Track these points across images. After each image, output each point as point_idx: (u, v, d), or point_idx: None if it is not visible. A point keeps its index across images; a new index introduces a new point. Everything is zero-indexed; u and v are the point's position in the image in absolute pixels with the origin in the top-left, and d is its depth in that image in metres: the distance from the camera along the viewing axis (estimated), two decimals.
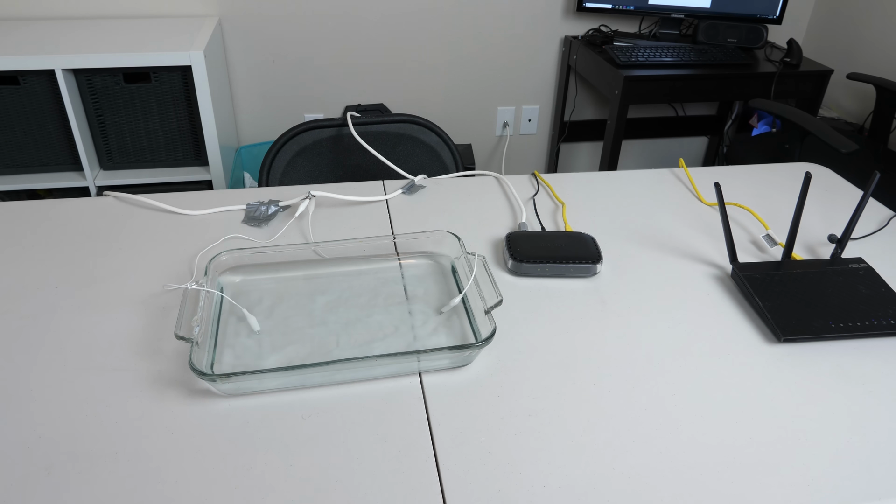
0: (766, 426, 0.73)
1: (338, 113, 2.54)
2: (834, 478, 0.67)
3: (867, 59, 2.43)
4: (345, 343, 0.83)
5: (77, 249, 1.00)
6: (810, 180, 0.95)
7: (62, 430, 0.70)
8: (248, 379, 0.74)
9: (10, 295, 0.89)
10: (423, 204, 1.15)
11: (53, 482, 0.64)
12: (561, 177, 1.26)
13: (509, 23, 2.49)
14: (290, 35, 2.35)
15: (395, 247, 0.98)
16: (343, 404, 0.74)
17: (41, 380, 0.76)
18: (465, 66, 2.54)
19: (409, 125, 1.48)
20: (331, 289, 0.92)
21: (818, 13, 2.67)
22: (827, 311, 0.88)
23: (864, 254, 1.03)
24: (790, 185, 1.26)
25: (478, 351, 0.78)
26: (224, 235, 1.04)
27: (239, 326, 0.85)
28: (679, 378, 0.79)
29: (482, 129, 2.70)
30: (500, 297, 0.82)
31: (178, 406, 0.73)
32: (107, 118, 1.98)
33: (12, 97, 1.88)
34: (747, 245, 1.06)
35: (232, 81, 2.40)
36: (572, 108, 2.69)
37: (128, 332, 0.83)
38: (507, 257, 0.97)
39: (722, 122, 2.86)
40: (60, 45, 1.88)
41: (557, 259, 0.96)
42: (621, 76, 2.14)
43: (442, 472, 0.67)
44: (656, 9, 2.40)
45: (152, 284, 0.92)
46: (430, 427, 0.72)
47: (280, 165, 1.43)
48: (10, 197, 2.02)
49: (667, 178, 1.27)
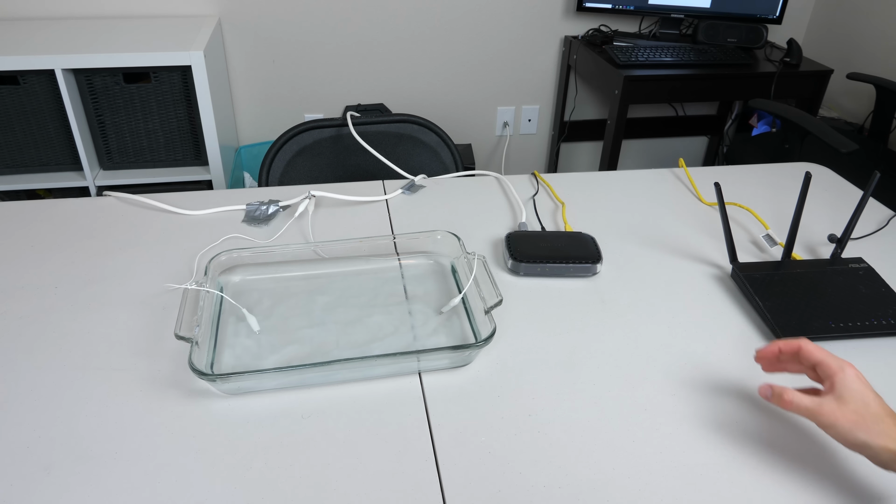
0: (766, 426, 0.73)
1: (338, 113, 2.54)
2: (834, 478, 0.67)
3: (867, 59, 2.43)
4: (344, 343, 0.83)
5: (77, 249, 1.00)
6: (810, 180, 0.95)
7: (62, 430, 0.70)
8: (248, 379, 0.74)
9: (10, 295, 0.89)
10: (423, 204, 1.15)
11: (53, 482, 0.64)
12: (561, 177, 1.26)
13: (509, 23, 2.49)
14: (290, 35, 2.35)
15: (395, 247, 0.98)
16: (343, 404, 0.74)
17: (41, 380, 0.76)
18: (465, 66, 2.54)
19: (409, 125, 1.48)
20: (330, 289, 0.92)
21: (818, 13, 2.67)
22: (827, 311, 0.88)
23: (864, 254, 1.03)
24: (790, 185, 1.26)
25: (478, 351, 0.78)
26: (224, 235, 1.04)
27: (238, 326, 0.85)
28: (679, 378, 0.79)
29: (482, 129, 2.70)
30: (500, 297, 0.82)
31: (178, 406, 0.73)
32: (107, 118, 1.98)
33: (12, 97, 1.88)
34: (747, 245, 1.06)
35: (232, 81, 2.40)
36: (572, 107, 2.69)
37: (128, 332, 0.83)
38: (507, 257, 0.97)
39: (722, 122, 2.86)
40: (60, 45, 1.88)
41: (557, 259, 0.96)
42: (621, 76, 2.14)
43: (442, 472, 0.67)
44: (656, 9, 2.39)
45: (152, 284, 0.92)
46: (430, 427, 0.72)
47: (280, 165, 1.43)
48: (10, 197, 2.02)
49: (667, 178, 1.27)
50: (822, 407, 0.63)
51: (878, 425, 0.60)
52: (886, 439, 0.59)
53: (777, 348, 0.69)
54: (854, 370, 0.64)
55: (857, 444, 0.61)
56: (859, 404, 0.62)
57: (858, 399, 0.62)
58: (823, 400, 0.63)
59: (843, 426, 0.61)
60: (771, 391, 0.67)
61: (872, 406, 0.61)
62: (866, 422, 0.61)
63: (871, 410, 0.61)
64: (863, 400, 0.62)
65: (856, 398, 0.62)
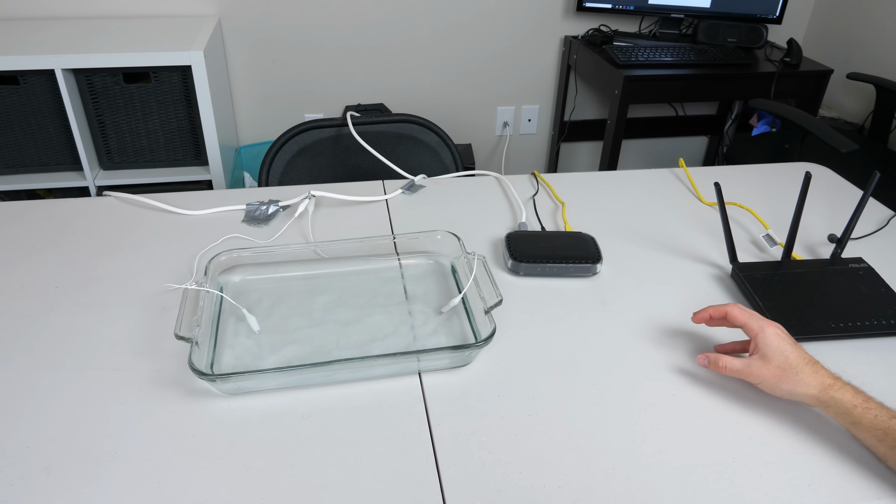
0: (765, 426, 0.73)
1: (338, 113, 2.54)
2: (833, 477, 0.67)
3: (867, 59, 2.43)
4: (344, 343, 0.83)
5: (77, 249, 1.00)
6: (810, 180, 0.95)
7: (62, 430, 0.70)
8: (248, 379, 0.74)
9: (10, 295, 0.89)
10: (423, 204, 1.15)
11: (53, 482, 0.64)
12: (561, 177, 1.26)
13: (509, 23, 2.48)
14: (290, 35, 2.35)
15: (395, 247, 0.98)
16: (343, 404, 0.74)
17: (41, 380, 0.76)
18: (465, 66, 2.54)
19: (409, 125, 1.48)
20: (330, 289, 0.92)
21: (818, 13, 2.67)
22: (827, 311, 0.88)
23: (864, 254, 1.03)
24: (790, 185, 1.26)
25: (477, 351, 0.78)
26: (224, 235, 1.04)
27: (238, 326, 0.85)
28: (679, 378, 0.79)
29: (482, 128, 2.70)
30: (499, 297, 0.82)
31: (178, 406, 0.73)
32: (107, 118, 1.98)
33: (12, 97, 1.88)
34: (747, 245, 1.06)
35: (232, 81, 2.40)
36: (572, 107, 2.69)
37: (128, 332, 0.83)
38: (507, 257, 0.97)
39: (722, 121, 2.86)
40: (60, 45, 1.88)
41: (557, 259, 0.96)
42: (621, 76, 2.14)
43: (442, 472, 0.67)
44: (656, 9, 2.39)
45: (152, 284, 0.92)
46: (430, 427, 0.72)
47: (280, 165, 1.43)
48: (10, 197, 2.02)
49: (667, 178, 1.27)
50: (751, 367, 0.72)
51: (798, 375, 0.69)
52: (806, 387, 0.69)
53: (708, 314, 0.78)
54: (774, 328, 0.72)
55: (784, 394, 0.71)
56: (781, 360, 0.70)
57: (779, 355, 0.70)
58: (751, 360, 0.72)
59: (769, 381, 0.71)
60: (707, 360, 0.76)
61: (792, 359, 0.70)
62: (788, 374, 0.70)
63: (791, 363, 0.70)
64: (783, 355, 0.70)
65: (777, 354, 0.71)
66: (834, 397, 0.68)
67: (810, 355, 0.71)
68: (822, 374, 0.69)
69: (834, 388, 0.68)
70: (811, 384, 0.69)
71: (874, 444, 0.67)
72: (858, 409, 0.66)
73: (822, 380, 0.69)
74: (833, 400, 0.68)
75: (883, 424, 0.65)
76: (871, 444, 0.67)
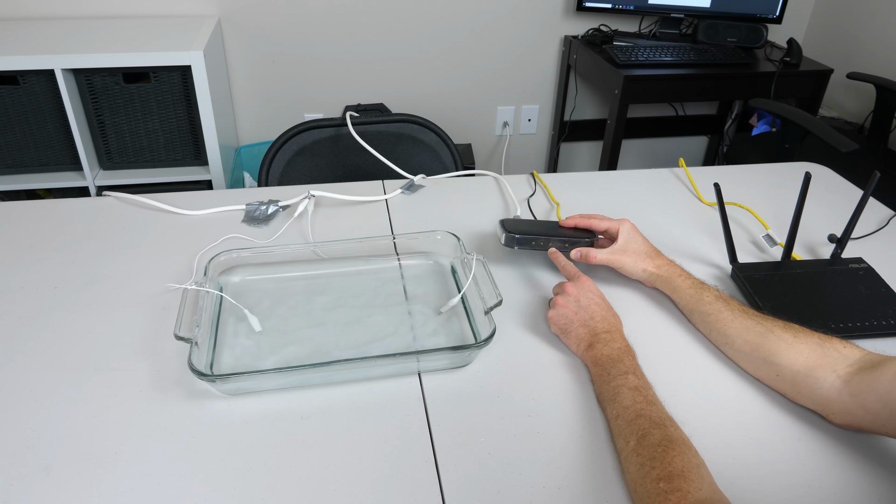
0: (765, 426, 0.73)
1: (337, 113, 2.54)
2: (833, 477, 0.67)
3: (867, 59, 2.43)
4: (344, 343, 0.83)
5: (77, 249, 1.00)
6: (810, 180, 0.95)
7: (62, 430, 0.70)
8: (248, 379, 0.74)
9: (11, 295, 0.89)
10: (423, 204, 1.15)
11: (53, 482, 0.64)
12: (561, 176, 1.26)
13: (509, 22, 2.48)
14: (290, 35, 2.35)
15: (395, 247, 0.98)
16: (342, 405, 0.74)
17: (41, 380, 0.76)
18: (465, 65, 2.54)
19: (408, 125, 1.48)
20: (330, 289, 0.92)
21: (818, 13, 2.67)
22: (827, 312, 0.88)
23: (864, 254, 1.03)
24: (790, 185, 1.26)
25: (477, 351, 0.78)
26: (224, 235, 1.04)
27: (238, 327, 0.85)
28: (679, 378, 0.79)
29: (482, 128, 2.70)
30: (499, 297, 0.82)
31: (178, 406, 0.73)
32: (106, 118, 1.98)
33: (12, 97, 1.88)
34: (747, 245, 1.06)
35: (232, 81, 2.40)
36: (572, 107, 2.69)
37: (128, 332, 0.83)
38: (501, 232, 0.95)
39: (722, 121, 2.86)
40: (60, 45, 1.87)
41: (552, 235, 0.95)
42: (621, 76, 2.14)
43: (441, 473, 0.67)
44: (656, 8, 2.39)
45: (152, 284, 0.92)
46: (430, 427, 0.72)
47: (280, 165, 1.43)
48: (10, 197, 2.02)
49: (667, 178, 1.27)
50: (614, 255, 0.91)
51: (645, 258, 0.91)
52: (649, 265, 0.90)
53: (574, 223, 0.97)
54: (628, 223, 0.93)
55: (638, 273, 0.91)
56: (635, 246, 0.92)
57: (633, 243, 0.92)
58: (614, 249, 0.92)
59: (629, 265, 0.91)
60: (580, 254, 0.93)
61: (642, 246, 0.92)
62: (640, 257, 0.91)
63: (642, 249, 0.92)
64: (636, 242, 0.92)
65: (631, 243, 0.92)
66: (662, 274, 0.89)
67: (654, 246, 0.93)
68: (662, 258, 0.91)
69: (664, 267, 0.90)
70: (656, 264, 0.90)
71: (685, 305, 0.87)
72: (677, 280, 0.87)
73: (661, 261, 0.91)
74: (662, 274, 0.90)
75: (689, 289, 0.86)
76: (683, 305, 0.88)
